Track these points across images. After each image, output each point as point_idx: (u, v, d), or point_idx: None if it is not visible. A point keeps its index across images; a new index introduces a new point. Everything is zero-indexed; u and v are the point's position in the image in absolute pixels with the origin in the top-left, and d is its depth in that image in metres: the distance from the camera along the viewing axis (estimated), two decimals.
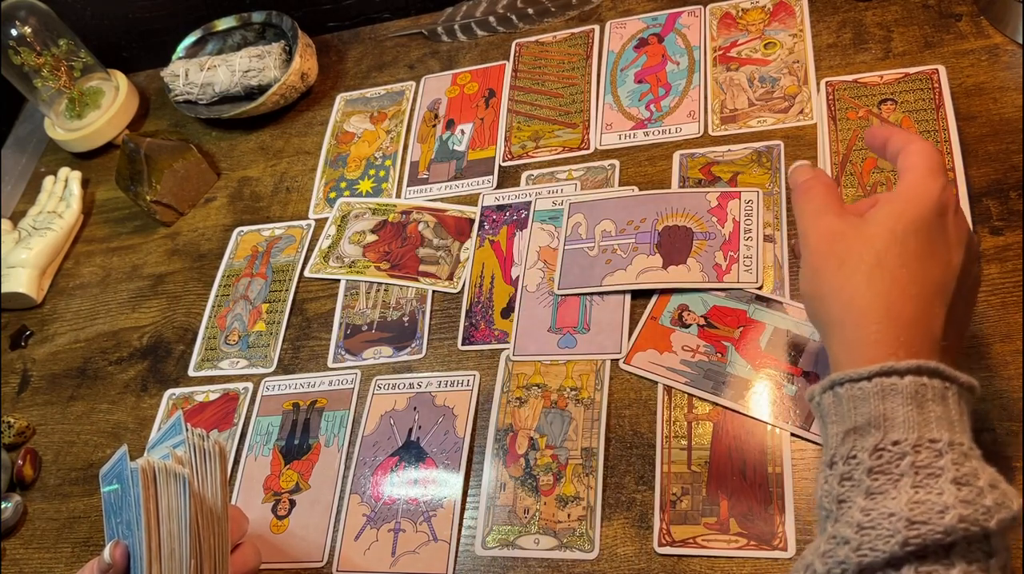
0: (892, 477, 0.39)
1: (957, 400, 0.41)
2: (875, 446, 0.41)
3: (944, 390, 0.41)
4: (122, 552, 0.54)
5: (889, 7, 0.78)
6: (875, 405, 0.41)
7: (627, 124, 0.81)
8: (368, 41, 1.02)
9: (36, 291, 0.94)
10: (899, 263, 0.44)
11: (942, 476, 0.39)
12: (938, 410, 0.41)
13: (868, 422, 0.41)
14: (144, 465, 0.52)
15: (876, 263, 0.45)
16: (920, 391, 0.41)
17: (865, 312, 0.44)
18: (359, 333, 0.78)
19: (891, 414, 0.41)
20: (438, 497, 0.66)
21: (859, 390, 0.42)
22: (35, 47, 1.00)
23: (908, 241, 0.45)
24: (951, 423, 0.41)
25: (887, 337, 0.43)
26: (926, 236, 0.45)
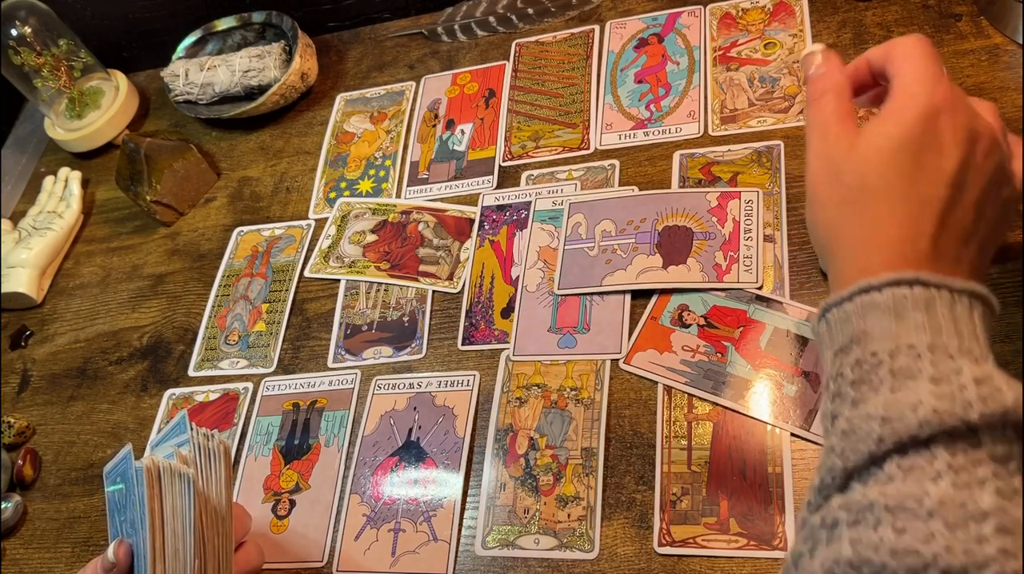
0: (872, 385, 0.40)
1: (950, 305, 0.41)
2: (856, 360, 0.41)
3: (930, 297, 0.41)
4: (126, 551, 0.54)
5: (889, 7, 0.78)
6: (856, 323, 0.42)
7: (627, 124, 0.81)
8: (368, 41, 1.02)
9: (36, 291, 0.94)
10: (884, 185, 0.44)
11: (919, 376, 0.39)
12: (919, 317, 0.40)
13: (851, 340, 0.42)
14: (149, 464, 0.52)
15: (861, 188, 0.45)
16: (899, 302, 0.41)
17: (851, 240, 0.45)
18: (359, 333, 0.78)
19: (870, 328, 0.41)
20: (438, 497, 0.66)
21: (843, 312, 0.43)
22: (35, 47, 1.00)
23: (894, 160, 0.44)
24: (937, 328, 0.40)
25: (871, 261, 0.43)
26: (914, 149, 0.44)
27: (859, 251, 0.44)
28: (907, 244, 0.43)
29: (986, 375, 0.39)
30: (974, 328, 0.41)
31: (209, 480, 0.54)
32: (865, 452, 0.38)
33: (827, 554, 0.37)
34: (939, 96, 0.44)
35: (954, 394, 0.38)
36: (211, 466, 0.54)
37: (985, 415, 0.37)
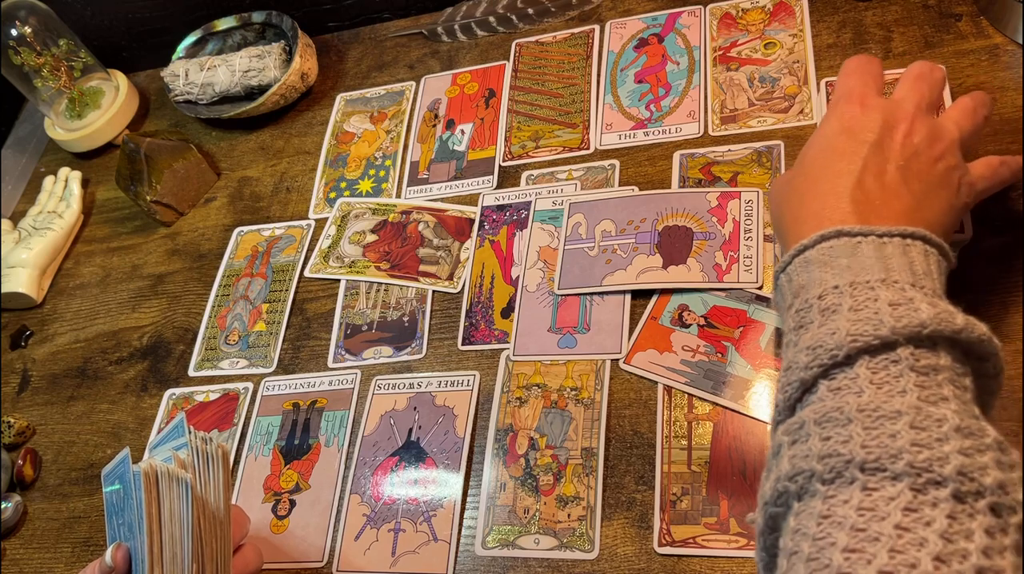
0: (806, 327, 0.45)
1: (877, 247, 0.46)
2: (796, 310, 0.47)
3: (854, 244, 0.47)
4: (124, 555, 0.54)
5: (889, 7, 0.78)
6: (796, 279, 0.49)
7: (627, 124, 0.81)
8: (368, 41, 1.02)
9: (36, 291, 0.94)
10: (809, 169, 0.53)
11: (840, 309, 0.44)
12: (844, 262, 0.46)
13: (794, 295, 0.48)
14: (147, 468, 0.52)
15: (798, 173, 0.54)
16: (827, 253, 0.47)
17: (791, 219, 0.53)
18: (359, 333, 0.78)
19: (806, 281, 0.47)
20: (438, 497, 0.66)
21: (786, 275, 0.50)
22: (35, 47, 1.00)
23: (813, 150, 0.54)
24: (861, 268, 0.45)
25: (804, 229, 0.50)
26: (826, 145, 0.53)
27: (791, 226, 0.52)
28: (830, 209, 0.50)
29: (905, 298, 0.43)
30: (908, 262, 0.46)
31: (207, 484, 0.54)
32: (797, 381, 0.44)
33: (774, 474, 0.42)
34: (853, 102, 0.54)
35: (869, 317, 0.42)
36: (209, 470, 0.54)
37: (898, 330, 0.41)
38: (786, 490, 0.40)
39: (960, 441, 0.37)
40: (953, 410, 0.39)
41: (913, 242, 0.47)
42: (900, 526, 0.36)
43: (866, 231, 0.47)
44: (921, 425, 0.38)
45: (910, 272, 0.45)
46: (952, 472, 0.37)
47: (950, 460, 0.37)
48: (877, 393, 0.40)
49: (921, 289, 0.44)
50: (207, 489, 0.54)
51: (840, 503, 0.38)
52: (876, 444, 0.38)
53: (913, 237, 0.47)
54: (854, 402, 0.40)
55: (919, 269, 0.46)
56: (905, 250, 0.46)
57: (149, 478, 0.52)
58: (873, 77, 0.56)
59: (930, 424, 0.38)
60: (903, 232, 0.47)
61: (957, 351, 0.43)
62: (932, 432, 0.38)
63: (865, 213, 0.49)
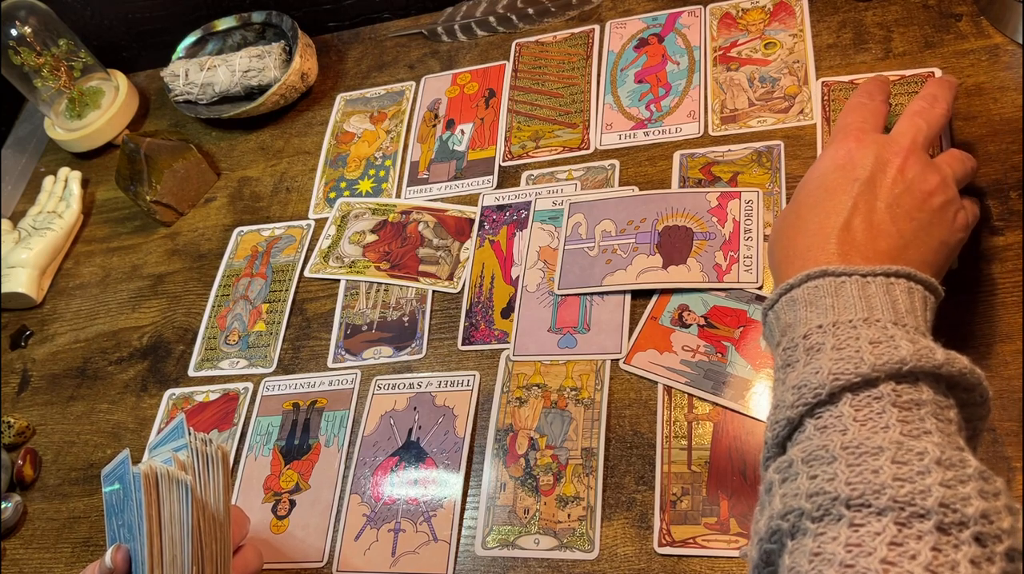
0: (792, 365, 0.46)
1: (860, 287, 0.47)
2: (784, 349, 0.48)
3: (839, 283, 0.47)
4: (123, 556, 0.54)
5: (889, 7, 0.78)
6: (783, 318, 0.50)
7: (627, 124, 0.81)
8: (368, 41, 1.02)
9: (36, 291, 0.94)
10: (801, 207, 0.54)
11: (824, 348, 0.45)
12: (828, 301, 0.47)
13: (782, 334, 0.49)
14: (147, 470, 0.52)
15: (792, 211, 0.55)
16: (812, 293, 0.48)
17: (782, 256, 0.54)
18: (359, 333, 0.78)
19: (792, 320, 0.48)
20: (438, 497, 0.66)
21: (774, 313, 0.51)
22: (35, 47, 1.00)
23: (807, 188, 0.54)
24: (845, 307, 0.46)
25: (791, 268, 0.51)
26: (819, 183, 0.54)
27: (785, 263, 0.53)
28: (816, 248, 0.50)
29: (886, 336, 0.44)
30: (891, 301, 0.47)
31: (207, 486, 0.54)
32: (784, 419, 0.44)
33: (767, 513, 0.42)
34: (850, 138, 0.54)
35: (851, 355, 0.43)
36: (209, 472, 0.54)
37: (878, 367, 0.42)
38: (779, 528, 0.41)
39: (942, 473, 0.38)
40: (935, 443, 0.40)
41: (896, 280, 0.47)
42: (886, 561, 0.36)
43: (850, 271, 0.47)
44: (903, 459, 0.39)
45: (892, 310, 0.46)
46: (934, 504, 0.37)
47: (932, 492, 0.37)
48: (860, 430, 0.41)
49: (903, 327, 0.45)
50: (207, 491, 0.54)
51: (829, 540, 0.38)
52: (860, 480, 0.39)
53: (897, 275, 0.48)
54: (838, 440, 0.41)
55: (902, 307, 0.46)
56: (888, 289, 0.47)
57: (149, 480, 0.52)
58: (873, 114, 0.57)
59: (912, 458, 0.39)
60: (886, 271, 0.47)
61: (940, 384, 0.44)
62: (914, 466, 0.39)
63: (850, 253, 0.49)
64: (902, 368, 0.42)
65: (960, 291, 0.62)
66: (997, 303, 0.61)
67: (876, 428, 0.41)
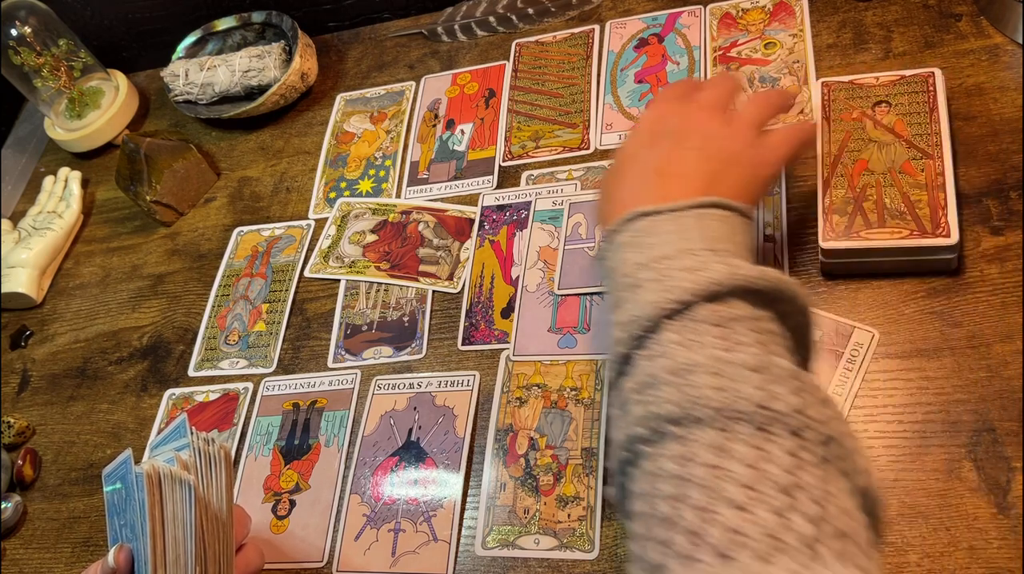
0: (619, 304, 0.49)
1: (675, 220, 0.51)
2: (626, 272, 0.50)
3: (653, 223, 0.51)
4: (126, 556, 0.54)
5: (889, 7, 0.78)
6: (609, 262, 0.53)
7: (627, 124, 0.81)
8: (368, 41, 1.02)
9: (36, 291, 0.94)
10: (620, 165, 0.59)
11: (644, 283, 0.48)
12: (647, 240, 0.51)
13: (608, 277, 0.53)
14: (149, 470, 0.52)
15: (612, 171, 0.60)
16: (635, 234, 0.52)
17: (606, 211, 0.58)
18: (359, 333, 0.78)
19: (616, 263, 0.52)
20: (438, 497, 0.66)
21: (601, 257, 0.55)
22: (35, 47, 1.00)
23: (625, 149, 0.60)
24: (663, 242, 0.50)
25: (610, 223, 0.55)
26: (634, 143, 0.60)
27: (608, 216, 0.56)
28: (634, 196, 0.55)
29: (700, 262, 0.47)
30: (705, 229, 0.50)
31: (210, 486, 0.54)
32: (617, 356, 0.48)
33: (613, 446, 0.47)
34: (660, 105, 0.61)
35: (669, 286, 0.46)
36: (212, 471, 0.54)
37: (697, 291, 0.45)
38: (623, 458, 0.45)
39: (756, 378, 0.42)
40: (751, 353, 0.43)
41: (709, 210, 0.51)
42: (710, 465, 0.40)
43: (663, 208, 0.51)
44: (719, 371, 0.42)
45: (706, 238, 0.49)
46: (749, 407, 0.41)
47: (747, 396, 0.41)
48: (680, 352, 0.44)
49: (717, 252, 0.48)
50: (210, 490, 0.54)
51: (662, 458, 0.42)
52: (682, 398, 0.42)
53: (708, 206, 0.52)
54: (661, 364, 0.44)
55: (716, 234, 0.50)
56: (700, 218, 0.51)
57: (152, 480, 0.52)
58: (687, 84, 0.64)
59: (727, 369, 0.42)
60: (698, 203, 0.52)
61: (758, 299, 0.47)
62: (729, 375, 0.42)
63: (665, 195, 0.53)
64: (717, 289, 0.45)
65: (960, 291, 0.62)
66: (997, 303, 0.61)
67: (695, 348, 0.44)
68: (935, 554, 0.53)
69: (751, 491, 0.38)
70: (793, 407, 0.41)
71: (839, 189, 0.65)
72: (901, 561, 0.54)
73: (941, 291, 0.62)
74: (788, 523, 0.37)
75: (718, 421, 0.41)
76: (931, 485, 0.56)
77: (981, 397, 0.58)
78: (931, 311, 0.62)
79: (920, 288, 0.63)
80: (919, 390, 0.59)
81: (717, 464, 0.39)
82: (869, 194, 0.64)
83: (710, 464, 0.40)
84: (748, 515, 0.37)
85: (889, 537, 0.55)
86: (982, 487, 0.55)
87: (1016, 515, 0.53)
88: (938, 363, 0.60)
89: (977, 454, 0.56)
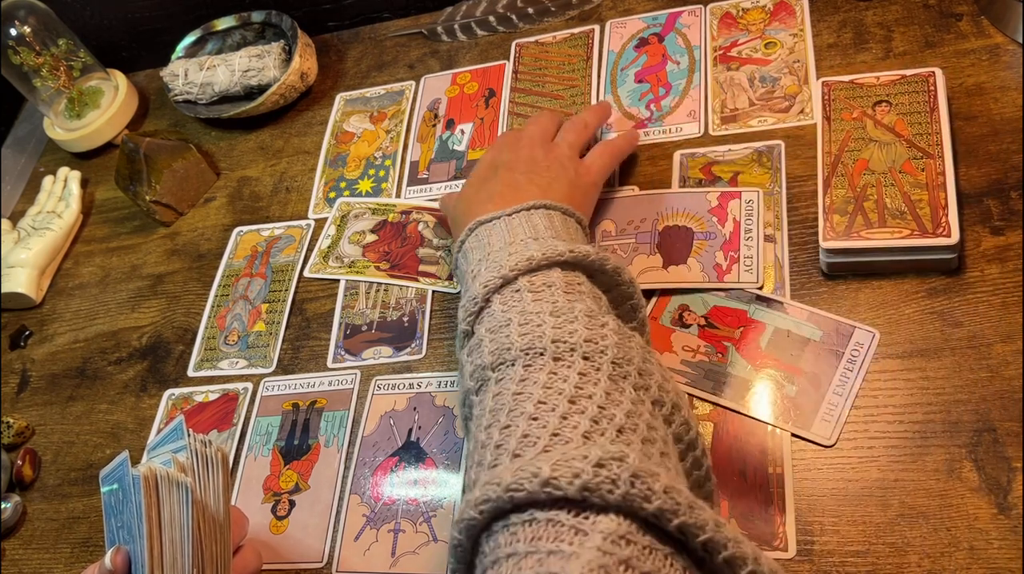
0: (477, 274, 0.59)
1: (505, 222, 0.62)
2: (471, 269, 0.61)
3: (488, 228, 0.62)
4: (123, 558, 0.54)
5: (890, 7, 0.78)
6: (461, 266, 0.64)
7: (627, 124, 0.81)
8: (368, 41, 1.02)
9: (35, 291, 0.93)
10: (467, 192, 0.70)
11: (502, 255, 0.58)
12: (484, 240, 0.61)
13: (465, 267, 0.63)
14: (146, 472, 0.52)
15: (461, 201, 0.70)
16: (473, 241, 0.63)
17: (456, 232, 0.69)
18: (359, 333, 0.78)
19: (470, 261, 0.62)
20: (438, 497, 0.66)
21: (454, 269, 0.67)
22: (34, 47, 0.99)
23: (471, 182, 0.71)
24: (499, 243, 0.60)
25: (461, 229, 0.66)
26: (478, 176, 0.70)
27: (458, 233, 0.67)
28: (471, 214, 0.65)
29: (521, 247, 0.58)
30: (532, 226, 0.61)
31: (207, 488, 0.54)
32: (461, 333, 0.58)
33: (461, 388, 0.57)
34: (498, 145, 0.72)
35: (496, 267, 0.57)
36: (209, 473, 0.54)
37: (515, 267, 0.56)
38: (464, 415, 0.56)
39: (553, 320, 0.51)
40: (554, 303, 0.53)
41: (535, 211, 0.62)
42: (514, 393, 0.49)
43: (497, 214, 0.62)
44: (526, 321, 0.52)
45: (531, 230, 0.60)
46: (548, 342, 0.50)
47: (545, 335, 0.51)
48: (499, 312, 0.55)
49: (538, 239, 0.59)
50: (207, 493, 0.54)
51: (485, 398, 0.51)
52: (496, 347, 0.52)
53: (534, 207, 0.62)
54: (486, 326, 0.54)
55: (540, 227, 0.60)
56: (528, 218, 0.61)
57: (149, 482, 0.52)
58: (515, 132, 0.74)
59: (531, 318, 0.52)
60: (526, 207, 0.62)
61: (575, 271, 0.57)
62: (533, 322, 0.52)
63: (504, 207, 0.63)
64: (531, 264, 0.56)
65: (961, 291, 0.62)
66: (997, 303, 0.61)
67: (512, 308, 0.54)
68: (935, 554, 0.53)
69: (542, 404, 0.47)
70: (583, 337, 0.50)
71: (839, 189, 0.65)
72: (901, 561, 0.54)
73: (941, 291, 0.62)
74: (571, 422, 0.45)
75: (522, 359, 0.50)
76: (931, 485, 0.56)
77: (982, 397, 0.58)
78: (932, 311, 0.62)
79: (920, 288, 0.63)
80: (920, 390, 0.59)
81: (519, 391, 0.48)
82: (870, 194, 0.64)
83: (513, 392, 0.48)
84: (537, 421, 0.46)
85: (889, 537, 0.55)
86: (983, 487, 0.54)
87: (1017, 515, 0.53)
88: (939, 363, 0.60)
89: (978, 454, 0.56)
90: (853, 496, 0.57)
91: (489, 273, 0.57)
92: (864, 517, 0.56)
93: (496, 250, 0.59)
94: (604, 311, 0.55)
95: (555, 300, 0.54)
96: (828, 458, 0.59)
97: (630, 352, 0.51)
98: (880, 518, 0.55)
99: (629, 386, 0.49)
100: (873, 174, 0.65)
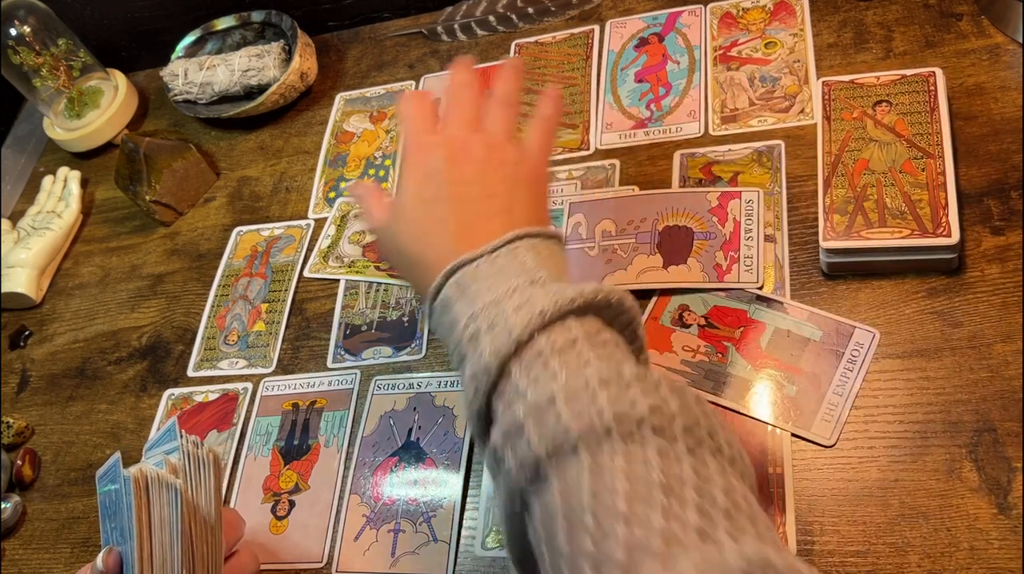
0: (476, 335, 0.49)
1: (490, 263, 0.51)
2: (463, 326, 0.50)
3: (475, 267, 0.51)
4: (115, 559, 0.54)
5: (890, 7, 0.78)
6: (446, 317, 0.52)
7: (627, 124, 0.81)
8: (368, 41, 1.01)
9: (35, 291, 0.93)
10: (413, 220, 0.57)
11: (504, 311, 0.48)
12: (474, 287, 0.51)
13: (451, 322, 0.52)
14: (136, 474, 0.52)
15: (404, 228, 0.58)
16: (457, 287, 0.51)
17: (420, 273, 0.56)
18: (358, 333, 0.78)
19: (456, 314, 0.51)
20: (438, 497, 0.66)
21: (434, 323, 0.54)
22: (34, 47, 0.99)
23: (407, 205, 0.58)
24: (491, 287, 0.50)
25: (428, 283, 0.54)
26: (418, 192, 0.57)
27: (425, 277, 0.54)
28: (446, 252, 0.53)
29: (524, 298, 0.48)
30: (520, 263, 0.51)
31: (198, 489, 0.54)
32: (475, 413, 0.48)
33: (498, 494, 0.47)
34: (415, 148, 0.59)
35: (502, 330, 0.47)
36: (200, 475, 0.54)
37: (529, 327, 0.46)
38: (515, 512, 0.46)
39: (607, 391, 0.43)
40: (597, 367, 0.44)
41: (518, 243, 0.52)
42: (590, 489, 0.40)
43: (477, 255, 0.51)
44: (573, 397, 0.43)
45: (524, 271, 0.50)
46: (611, 419, 0.41)
47: (605, 411, 0.42)
48: (532, 390, 0.45)
49: (535, 282, 0.49)
50: (198, 494, 0.54)
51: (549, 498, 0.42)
52: (547, 432, 0.43)
53: (516, 239, 0.52)
54: (518, 409, 0.45)
55: (531, 263, 0.51)
56: (512, 254, 0.51)
57: (139, 484, 0.52)
58: (423, 111, 0.61)
59: (579, 391, 0.43)
60: (504, 241, 0.52)
61: (588, 315, 0.48)
62: (583, 397, 0.43)
63: (473, 239, 0.53)
64: (544, 319, 0.47)
65: (961, 291, 0.62)
66: (997, 303, 0.61)
67: (543, 381, 0.45)
68: (935, 554, 0.53)
69: (634, 500, 0.39)
70: (649, 408, 0.42)
71: (840, 189, 0.65)
72: (901, 561, 0.54)
73: (942, 291, 0.62)
74: (677, 518, 0.38)
75: (585, 445, 0.42)
76: (932, 485, 0.56)
77: (982, 397, 0.57)
78: (932, 311, 0.62)
79: (921, 288, 0.63)
80: (920, 390, 0.59)
81: (596, 486, 0.40)
82: (870, 194, 0.64)
83: (590, 489, 0.40)
84: (638, 524, 0.38)
85: (889, 537, 0.55)
86: (983, 487, 0.54)
87: (1017, 515, 0.53)
88: (939, 363, 0.60)
89: (978, 454, 0.56)
90: (853, 496, 0.57)
91: (496, 337, 0.47)
92: (864, 517, 0.56)
93: (490, 303, 0.49)
94: (644, 361, 0.50)
95: (590, 362, 0.45)
96: (828, 458, 0.59)
97: (693, 410, 0.44)
98: (880, 518, 0.55)
99: (707, 453, 0.43)
100: (873, 174, 0.65)
